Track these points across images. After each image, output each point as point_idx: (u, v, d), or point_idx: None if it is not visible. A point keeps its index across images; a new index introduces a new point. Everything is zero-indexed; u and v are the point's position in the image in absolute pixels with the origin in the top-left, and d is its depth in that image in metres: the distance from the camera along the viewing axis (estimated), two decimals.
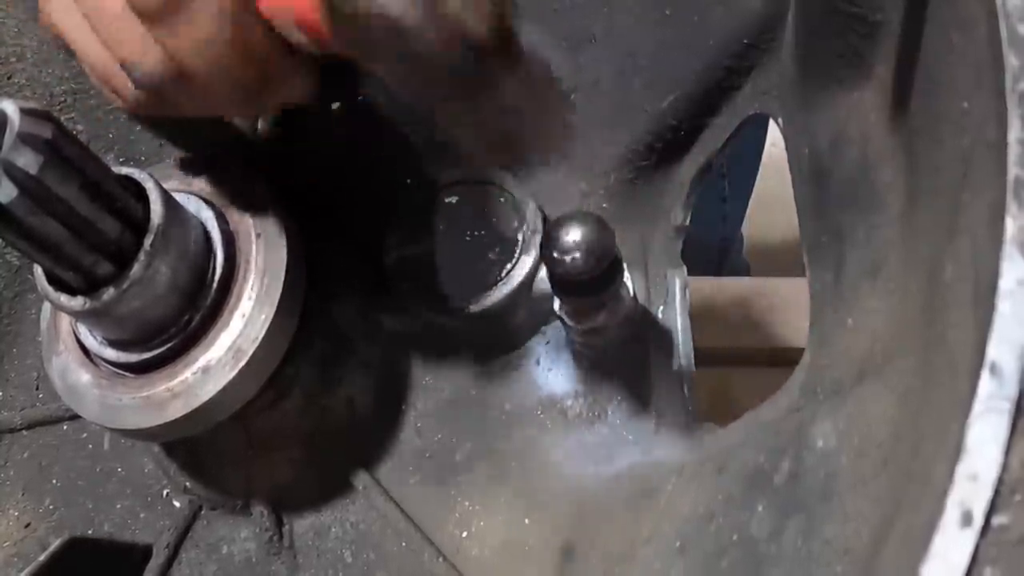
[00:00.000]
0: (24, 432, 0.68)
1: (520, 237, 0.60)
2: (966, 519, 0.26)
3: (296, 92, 0.48)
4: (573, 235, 0.51)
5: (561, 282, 0.54)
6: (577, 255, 0.50)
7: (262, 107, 0.48)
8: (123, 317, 0.49)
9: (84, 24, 0.47)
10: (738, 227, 1.36)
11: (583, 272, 0.51)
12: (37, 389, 0.68)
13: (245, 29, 0.44)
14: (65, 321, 0.55)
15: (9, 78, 0.67)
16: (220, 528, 0.62)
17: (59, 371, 0.55)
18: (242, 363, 0.52)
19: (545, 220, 0.60)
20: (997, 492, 0.26)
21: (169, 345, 0.52)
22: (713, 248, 1.31)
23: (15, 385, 0.69)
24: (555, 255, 0.51)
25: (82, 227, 0.45)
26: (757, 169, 1.28)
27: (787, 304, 1.20)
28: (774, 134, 0.57)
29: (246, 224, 0.55)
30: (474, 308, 0.59)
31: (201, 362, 0.52)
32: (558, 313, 0.58)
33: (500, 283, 0.59)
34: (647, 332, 0.61)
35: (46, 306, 0.57)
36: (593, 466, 0.59)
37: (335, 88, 0.50)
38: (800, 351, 0.51)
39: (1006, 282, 0.27)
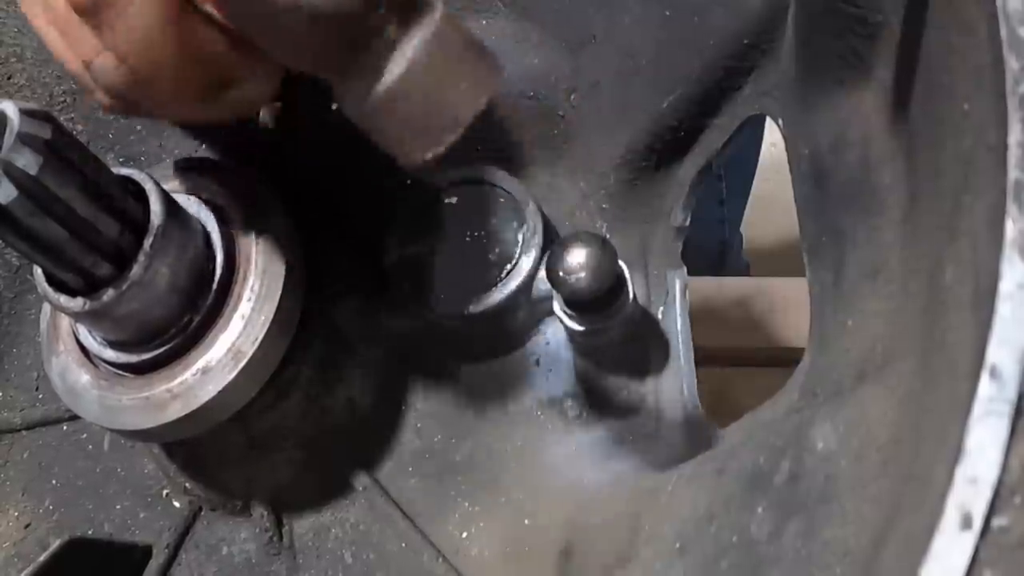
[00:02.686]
0: (24, 432, 0.68)
1: (520, 237, 0.60)
2: (966, 522, 0.26)
3: (252, 94, 0.47)
4: (577, 256, 0.52)
5: (567, 301, 0.55)
6: (582, 275, 0.52)
7: (220, 109, 0.48)
8: (123, 318, 0.49)
9: (52, 27, 0.46)
10: (737, 229, 1.36)
11: (588, 292, 0.52)
12: (37, 389, 0.68)
13: (185, 24, 0.43)
14: (65, 322, 0.55)
15: (9, 78, 0.67)
16: (220, 529, 0.62)
17: (59, 372, 0.55)
18: (242, 364, 0.52)
19: (545, 220, 0.60)
20: (997, 494, 0.26)
21: (169, 346, 0.52)
22: (713, 249, 1.31)
23: (15, 385, 0.69)
24: (560, 275, 0.52)
25: (82, 228, 0.45)
26: (754, 172, 1.28)
27: (787, 304, 1.20)
28: (774, 134, 0.57)
29: (246, 225, 0.55)
30: (474, 308, 0.59)
31: (201, 363, 0.52)
32: (558, 314, 0.58)
33: (500, 283, 0.59)
34: (647, 332, 0.61)
35: (46, 307, 0.57)
36: (592, 467, 0.59)
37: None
38: (800, 351, 0.51)
39: (1006, 285, 0.27)
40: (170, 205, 0.50)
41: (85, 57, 0.45)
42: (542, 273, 0.59)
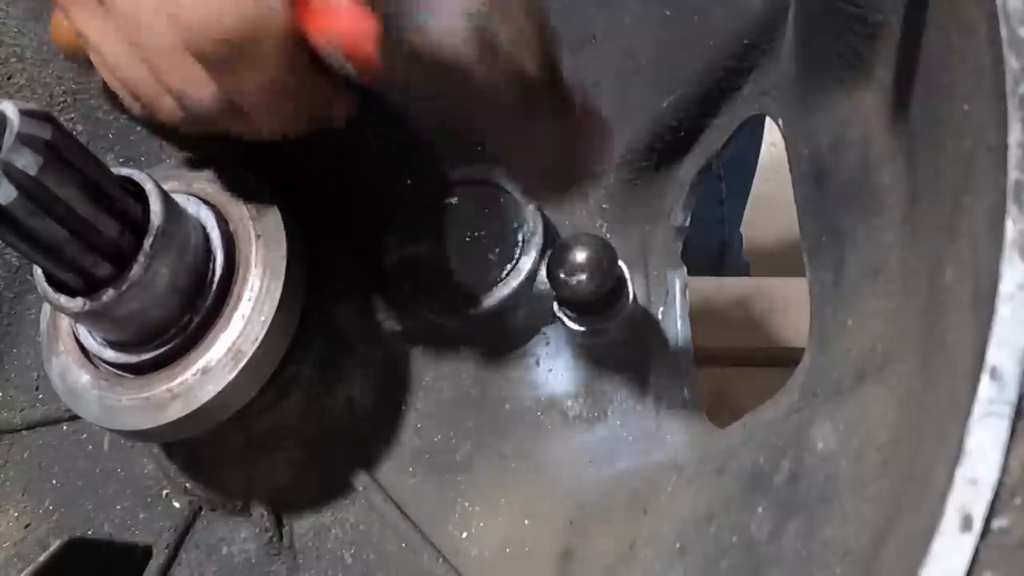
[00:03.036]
0: (24, 432, 0.68)
1: (520, 237, 0.60)
2: (966, 523, 0.26)
3: (337, 116, 0.50)
4: (578, 258, 0.52)
5: (567, 302, 0.55)
6: (582, 277, 0.52)
7: (301, 129, 0.50)
8: (123, 318, 0.49)
9: (126, 49, 0.47)
10: (736, 229, 1.36)
11: (588, 294, 0.52)
12: (37, 389, 0.68)
13: (299, 71, 0.45)
14: (65, 322, 0.55)
15: (9, 78, 0.67)
16: (220, 529, 0.62)
17: (59, 372, 0.55)
18: (242, 364, 0.52)
19: (545, 220, 0.60)
20: (997, 496, 0.26)
21: (169, 346, 0.52)
22: (713, 249, 1.31)
23: (15, 385, 0.69)
24: (561, 276, 0.52)
25: (82, 228, 0.45)
26: (754, 172, 1.28)
27: (787, 304, 1.20)
28: (774, 134, 0.57)
29: (246, 225, 0.55)
30: (474, 308, 0.59)
31: (201, 363, 0.52)
32: (558, 314, 0.58)
33: (500, 283, 0.59)
34: (647, 332, 0.61)
35: (46, 307, 0.57)
36: (593, 467, 0.59)
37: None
38: (800, 351, 0.51)
39: (1006, 286, 0.27)
40: (170, 205, 0.50)
41: (177, 88, 0.46)
42: (542, 273, 0.59)
